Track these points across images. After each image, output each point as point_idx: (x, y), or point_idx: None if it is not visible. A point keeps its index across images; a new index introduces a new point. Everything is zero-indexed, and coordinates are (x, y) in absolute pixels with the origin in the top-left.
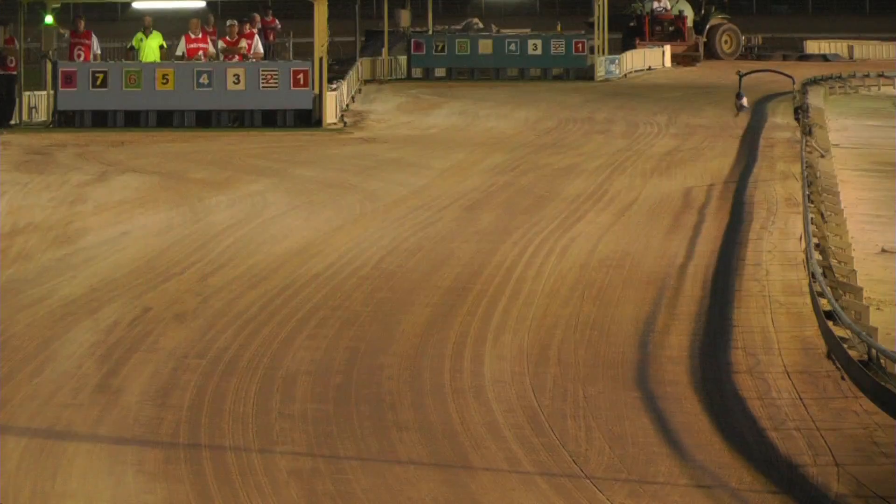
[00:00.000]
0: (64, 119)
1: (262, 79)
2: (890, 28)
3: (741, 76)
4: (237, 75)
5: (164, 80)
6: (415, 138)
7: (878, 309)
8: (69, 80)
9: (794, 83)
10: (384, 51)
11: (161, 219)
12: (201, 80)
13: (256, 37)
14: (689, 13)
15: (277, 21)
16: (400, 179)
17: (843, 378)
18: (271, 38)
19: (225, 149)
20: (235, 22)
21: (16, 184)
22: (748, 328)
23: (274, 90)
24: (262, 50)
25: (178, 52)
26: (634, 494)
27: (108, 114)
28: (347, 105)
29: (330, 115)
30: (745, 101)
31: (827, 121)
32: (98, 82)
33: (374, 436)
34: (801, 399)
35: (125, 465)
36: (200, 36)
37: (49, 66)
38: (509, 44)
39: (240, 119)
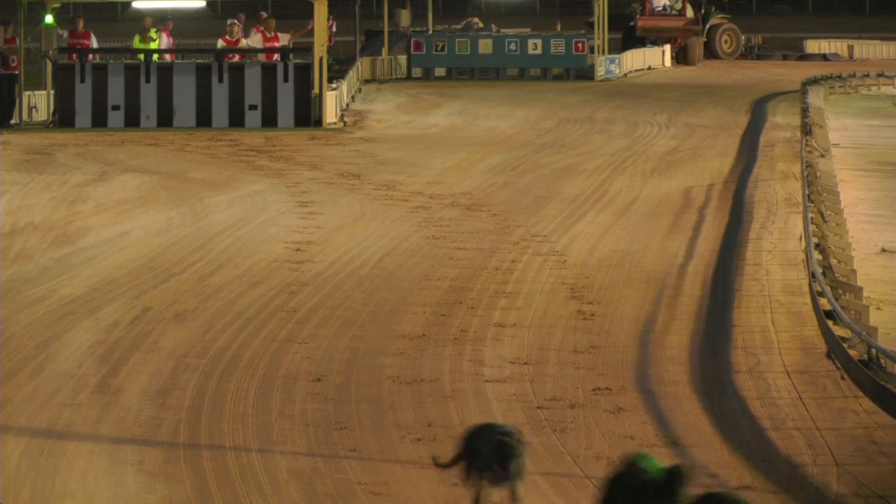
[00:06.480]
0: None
1: None
2: (890, 28)
3: None
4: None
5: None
6: (415, 138)
7: (878, 309)
8: None
9: None
10: (384, 51)
11: (161, 219)
12: None
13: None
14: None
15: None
16: (400, 179)
17: (843, 378)
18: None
19: (225, 148)
20: (236, 21)
21: (16, 184)
22: (748, 328)
23: None
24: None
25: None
26: None
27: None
28: (347, 105)
29: (330, 114)
30: None
31: (827, 121)
32: None
33: (374, 436)
34: (801, 399)
35: (125, 465)
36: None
37: (49, 65)
38: (509, 44)
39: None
